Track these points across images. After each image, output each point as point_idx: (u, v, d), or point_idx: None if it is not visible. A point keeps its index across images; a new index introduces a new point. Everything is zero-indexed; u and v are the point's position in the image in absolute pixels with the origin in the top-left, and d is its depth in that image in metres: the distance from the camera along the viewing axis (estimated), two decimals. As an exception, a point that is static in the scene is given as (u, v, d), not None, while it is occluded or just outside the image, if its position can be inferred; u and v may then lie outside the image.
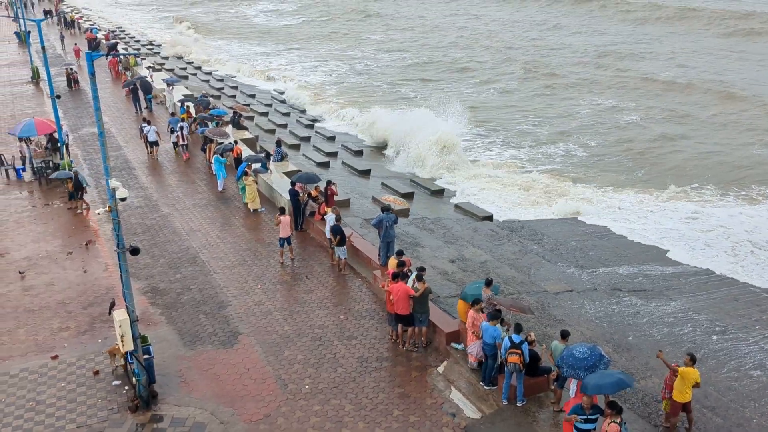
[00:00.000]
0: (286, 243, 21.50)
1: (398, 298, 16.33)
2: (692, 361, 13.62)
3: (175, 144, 32.68)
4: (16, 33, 70.79)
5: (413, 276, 16.78)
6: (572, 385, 13.86)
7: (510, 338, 14.20)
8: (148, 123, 33.05)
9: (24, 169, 30.08)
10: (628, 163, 36.34)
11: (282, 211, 21.77)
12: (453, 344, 16.50)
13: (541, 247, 24.48)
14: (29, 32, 56.36)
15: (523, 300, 19.31)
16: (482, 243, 24.44)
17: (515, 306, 15.83)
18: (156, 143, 32.39)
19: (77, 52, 57.71)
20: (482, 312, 15.32)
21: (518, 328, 14.41)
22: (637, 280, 22.23)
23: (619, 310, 19.79)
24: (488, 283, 16.27)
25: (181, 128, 32.21)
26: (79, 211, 26.04)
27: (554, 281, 21.51)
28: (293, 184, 24.06)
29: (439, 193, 31.46)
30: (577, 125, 43.45)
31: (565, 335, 14.60)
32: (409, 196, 29.69)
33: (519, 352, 14.02)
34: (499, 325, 14.79)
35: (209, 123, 33.00)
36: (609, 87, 52.85)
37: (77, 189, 26.08)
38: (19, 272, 21.10)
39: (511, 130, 42.65)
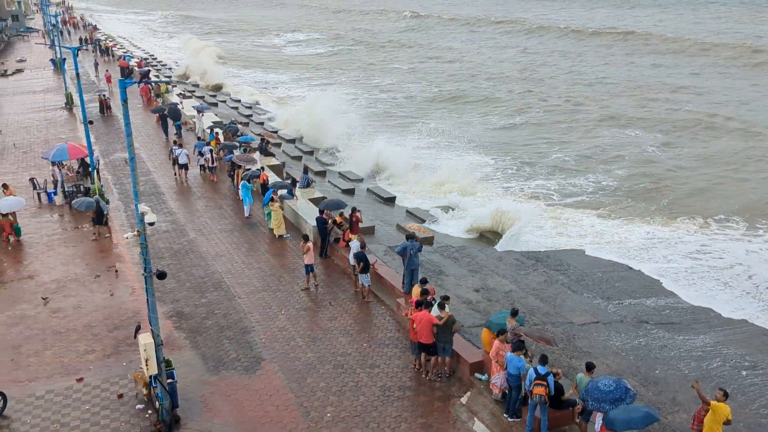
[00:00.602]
0: (310, 270, 21.61)
1: (421, 326, 16.27)
2: (725, 396, 13.32)
3: (202, 167, 33.65)
4: (52, 60, 72.65)
5: (437, 304, 16.72)
6: (597, 419, 13.61)
7: (535, 369, 14.04)
8: (180, 146, 34.17)
9: (55, 193, 30.66)
10: (653, 194, 35.95)
11: (306, 238, 21.90)
12: (477, 375, 16.35)
13: (567, 277, 24.27)
14: (65, 59, 57.72)
15: (548, 331, 19.09)
16: (507, 272, 24.29)
17: (542, 338, 15.66)
18: (186, 166, 33.26)
19: (108, 78, 59.13)
20: (507, 342, 15.19)
21: (544, 360, 14.24)
22: (665, 312, 21.91)
23: (646, 343, 19.49)
24: (514, 313, 16.15)
25: (210, 151, 33.31)
26: (93, 238, 26.07)
27: (580, 312, 21.28)
28: (321, 211, 24.20)
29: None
30: (603, 156, 43.21)
31: (590, 367, 14.40)
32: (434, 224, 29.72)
33: (544, 383, 13.84)
34: (523, 356, 14.65)
35: (235, 150, 33.45)
36: (638, 119, 52.57)
37: (99, 216, 26.30)
38: (42, 298, 21.34)
39: (536, 160, 42.57)
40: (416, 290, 18.03)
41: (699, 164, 41.11)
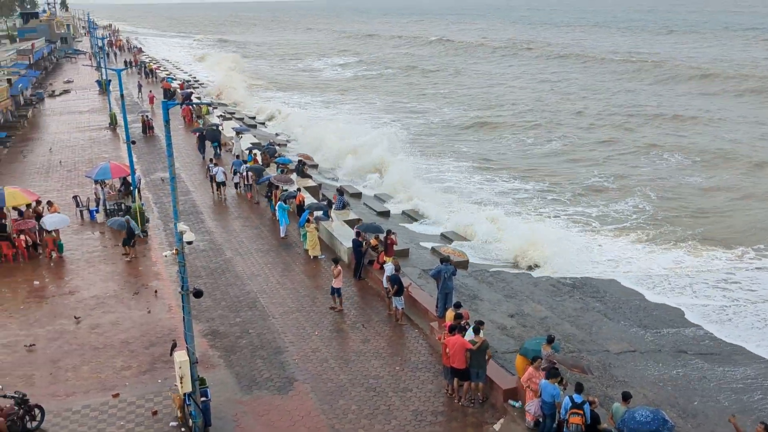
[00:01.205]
0: (337, 293, 21.72)
1: (454, 351, 16.16)
2: (765, 430, 12.97)
3: (237, 185, 34.90)
4: (97, 81, 74.59)
5: (471, 329, 16.62)
6: (633, 450, 13.35)
7: (571, 398, 13.84)
8: (216, 164, 35.11)
9: (97, 211, 31.34)
10: (691, 223, 35.25)
11: (336, 261, 22.02)
12: (510, 401, 16.16)
13: (603, 304, 23.92)
14: (110, 81, 59.28)
15: (583, 359, 18.82)
16: (542, 298, 24.05)
17: (575, 366, 15.45)
18: (223, 183, 34.33)
19: (151, 99, 60.52)
20: (541, 370, 15.01)
21: (579, 388, 14.04)
22: (704, 342, 21.43)
23: (684, 374, 19.07)
24: (550, 340, 15.97)
25: (247, 170, 34.29)
26: (127, 260, 26.26)
27: (616, 340, 20.93)
28: (358, 234, 24.30)
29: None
30: (641, 183, 42.67)
31: (626, 397, 14.14)
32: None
33: (581, 412, 13.64)
34: (558, 384, 14.45)
35: (265, 172, 33.70)
36: (676, 147, 51.86)
37: (130, 237, 26.54)
38: (75, 317, 21.59)
39: (572, 185, 42.21)
40: (450, 314, 17.96)
41: (740, 195, 40.24)
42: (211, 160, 37.01)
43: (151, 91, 63.70)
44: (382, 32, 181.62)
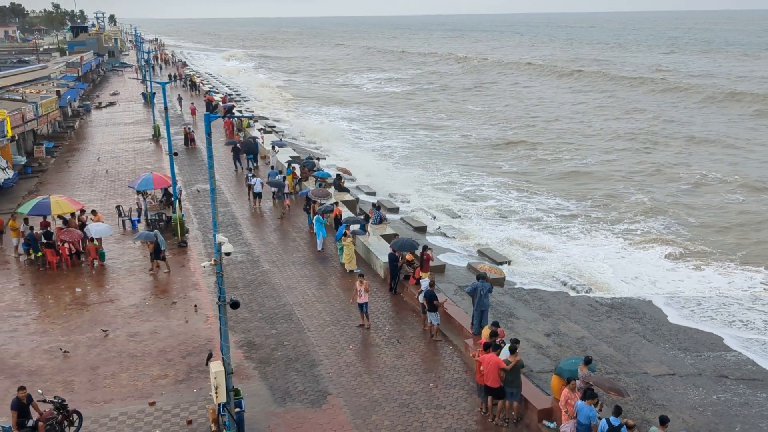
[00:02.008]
0: (364, 309, 21.59)
1: (488, 369, 16.02)
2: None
3: (275, 194, 34.96)
4: (142, 94, 76.29)
5: (507, 347, 16.45)
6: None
7: (608, 420, 13.59)
8: (254, 176, 36.23)
9: (139, 221, 31.95)
10: (742, 247, 34.50)
11: (362, 275, 21.84)
12: (545, 422, 15.94)
13: (642, 326, 23.48)
14: (154, 93, 60.56)
15: (621, 381, 18.48)
16: (579, 318, 23.71)
17: (612, 388, 15.14)
18: (260, 195, 35.31)
19: (193, 111, 61.78)
20: (577, 391, 14.78)
21: (618, 411, 13.78)
22: (747, 368, 20.85)
23: (725, 399, 18.57)
24: (587, 361, 15.73)
25: (283, 179, 35.22)
26: (150, 273, 26.34)
27: (655, 363, 20.50)
28: (395, 249, 24.29)
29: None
30: (687, 203, 41.97)
31: (664, 421, 13.83)
32: (506, 264, 29.36)
33: (616, 436, 13.37)
34: (594, 406, 14.21)
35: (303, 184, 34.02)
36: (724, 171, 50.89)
37: (157, 251, 26.47)
38: (102, 330, 21.63)
39: (615, 204, 41.65)
40: (486, 332, 17.82)
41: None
42: (249, 170, 37.95)
43: (192, 103, 64.98)
44: (415, 49, 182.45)
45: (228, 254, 14.34)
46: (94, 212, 30.16)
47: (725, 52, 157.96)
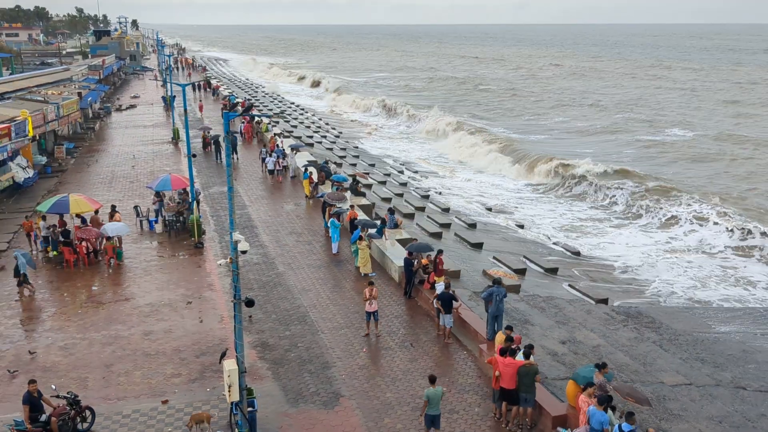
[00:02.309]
0: (372, 317, 21.13)
1: (508, 373, 15.87)
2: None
3: (271, 171, 41.48)
4: (163, 97, 76.93)
5: (522, 353, 16.32)
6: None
7: (620, 427, 13.40)
8: (269, 154, 42.90)
9: (156, 221, 32.11)
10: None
11: (372, 283, 21.59)
12: (559, 428, 15.74)
13: (659, 335, 23.20)
14: (174, 96, 61.03)
15: (637, 390, 18.24)
16: (596, 326, 23.47)
17: (632, 395, 14.93)
18: (273, 171, 41.72)
19: (201, 108, 62.87)
20: (593, 397, 14.60)
21: (629, 417, 13.59)
22: (765, 379, 20.50)
23: (742, 410, 18.27)
24: (601, 366, 15.55)
25: (277, 156, 42.02)
26: (17, 298, 24.22)
27: (671, 373, 20.21)
28: (410, 253, 24.21)
29: (553, 271, 30.71)
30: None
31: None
32: (521, 272, 29.18)
33: (630, 443, 13.18)
34: (611, 412, 14.02)
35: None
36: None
37: (16, 273, 24.43)
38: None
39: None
40: (500, 337, 17.67)
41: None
42: (265, 150, 44.43)
43: (201, 101, 65.86)
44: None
45: (244, 252, 14.34)
46: (113, 209, 30.30)
47: None
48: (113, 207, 30.58)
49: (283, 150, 44.33)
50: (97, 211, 30.07)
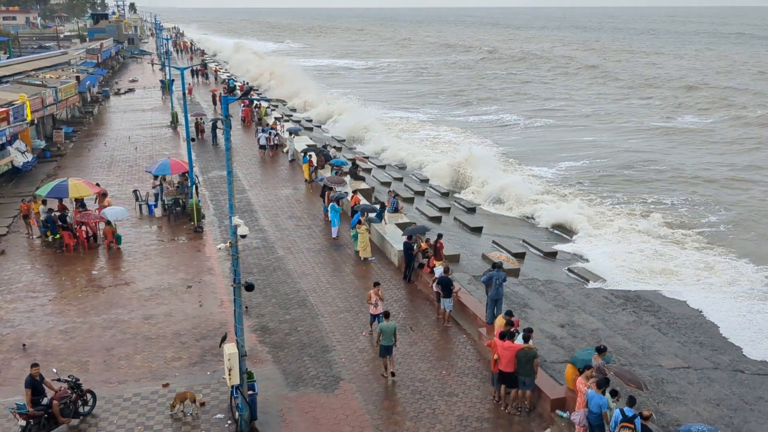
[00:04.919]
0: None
1: (507, 356, 15.93)
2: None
3: (263, 147, 43.00)
4: (161, 81, 76.63)
5: (521, 336, 16.37)
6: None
7: (622, 411, 13.46)
8: (263, 130, 44.77)
9: (156, 205, 32.08)
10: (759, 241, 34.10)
11: (377, 284, 20.29)
12: (558, 411, 15.85)
13: (657, 319, 23.28)
14: (173, 81, 60.76)
15: (635, 373, 18.32)
16: (594, 310, 23.56)
17: (633, 381, 14.95)
18: (264, 147, 43.27)
19: (190, 90, 63.07)
20: (591, 379, 14.66)
21: (632, 401, 13.66)
22: (763, 362, 20.63)
23: (740, 393, 18.39)
24: (602, 350, 15.60)
25: (269, 132, 43.80)
26: None
27: (670, 356, 20.33)
28: (410, 237, 24.19)
29: (552, 255, 30.72)
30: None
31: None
32: (520, 256, 29.20)
33: (632, 426, 13.23)
34: (609, 395, 14.08)
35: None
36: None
37: None
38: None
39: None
40: (500, 321, 17.72)
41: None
42: (260, 128, 46.33)
43: (190, 84, 65.78)
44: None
45: (244, 236, 14.36)
46: (104, 194, 30.22)
47: None
48: (103, 194, 30.44)
49: (277, 132, 45.98)
50: (105, 194, 30.03)
